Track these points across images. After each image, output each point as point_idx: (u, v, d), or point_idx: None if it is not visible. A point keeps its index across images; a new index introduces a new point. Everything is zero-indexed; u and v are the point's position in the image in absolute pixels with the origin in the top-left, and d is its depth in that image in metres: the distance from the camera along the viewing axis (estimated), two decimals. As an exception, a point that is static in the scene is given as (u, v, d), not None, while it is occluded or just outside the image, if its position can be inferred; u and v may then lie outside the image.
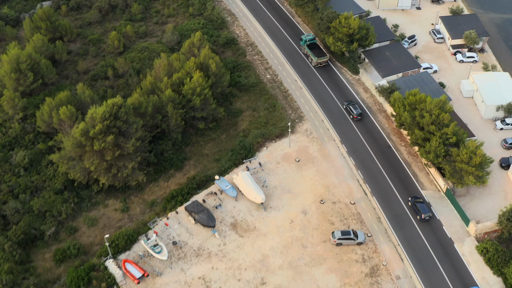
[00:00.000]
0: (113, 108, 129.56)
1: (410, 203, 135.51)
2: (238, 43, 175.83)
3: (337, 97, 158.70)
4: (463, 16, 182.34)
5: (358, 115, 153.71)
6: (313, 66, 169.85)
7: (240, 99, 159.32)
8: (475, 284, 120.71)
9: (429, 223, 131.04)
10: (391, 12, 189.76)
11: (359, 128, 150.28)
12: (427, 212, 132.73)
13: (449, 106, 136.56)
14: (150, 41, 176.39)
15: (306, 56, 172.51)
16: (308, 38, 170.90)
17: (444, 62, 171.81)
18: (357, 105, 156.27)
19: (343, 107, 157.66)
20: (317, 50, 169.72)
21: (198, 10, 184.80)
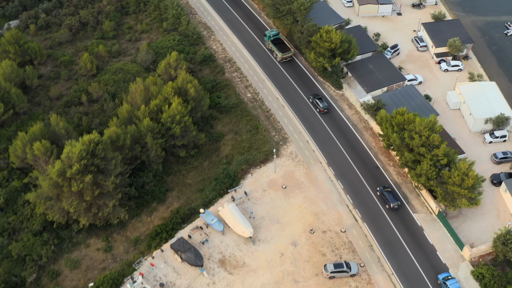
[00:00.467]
0: (90, 146, 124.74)
1: (379, 192, 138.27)
2: (216, 60, 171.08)
3: (321, 115, 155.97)
4: (445, 22, 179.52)
5: (325, 108, 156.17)
6: (278, 62, 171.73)
7: (221, 121, 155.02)
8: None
9: (423, 248, 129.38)
10: (371, 20, 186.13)
11: (345, 149, 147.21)
12: (395, 201, 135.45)
13: (438, 127, 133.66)
14: (124, 61, 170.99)
15: (271, 51, 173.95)
16: (272, 34, 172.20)
17: (428, 72, 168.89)
18: (323, 98, 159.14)
19: (309, 100, 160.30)
20: (281, 45, 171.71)
21: (172, 25, 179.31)
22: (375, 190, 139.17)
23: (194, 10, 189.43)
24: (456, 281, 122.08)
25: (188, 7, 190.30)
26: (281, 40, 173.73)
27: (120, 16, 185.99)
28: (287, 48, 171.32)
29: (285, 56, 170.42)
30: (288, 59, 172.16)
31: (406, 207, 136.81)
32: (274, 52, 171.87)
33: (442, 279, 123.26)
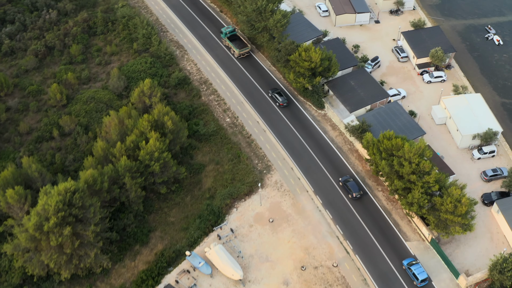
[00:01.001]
0: (66, 195, 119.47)
1: (341, 183, 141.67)
2: (191, 82, 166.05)
3: (305, 138, 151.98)
4: (426, 30, 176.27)
5: (284, 102, 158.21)
6: (235, 58, 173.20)
7: (200, 150, 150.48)
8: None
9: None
10: (349, 30, 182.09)
11: (332, 174, 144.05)
12: (357, 191, 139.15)
13: (428, 152, 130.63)
14: (95, 87, 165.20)
15: (228, 48, 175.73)
16: (228, 31, 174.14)
17: (411, 85, 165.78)
18: (282, 92, 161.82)
19: (269, 95, 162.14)
20: (238, 41, 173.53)
21: (143, 45, 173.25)
22: (365, 218, 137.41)
23: (164, 28, 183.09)
24: (420, 266, 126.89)
25: (158, 24, 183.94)
26: (238, 36, 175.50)
27: (88, 37, 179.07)
28: (243, 44, 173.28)
29: (243, 52, 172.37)
30: (246, 54, 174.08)
31: (397, 235, 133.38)
32: (232, 49, 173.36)
33: (407, 264, 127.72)
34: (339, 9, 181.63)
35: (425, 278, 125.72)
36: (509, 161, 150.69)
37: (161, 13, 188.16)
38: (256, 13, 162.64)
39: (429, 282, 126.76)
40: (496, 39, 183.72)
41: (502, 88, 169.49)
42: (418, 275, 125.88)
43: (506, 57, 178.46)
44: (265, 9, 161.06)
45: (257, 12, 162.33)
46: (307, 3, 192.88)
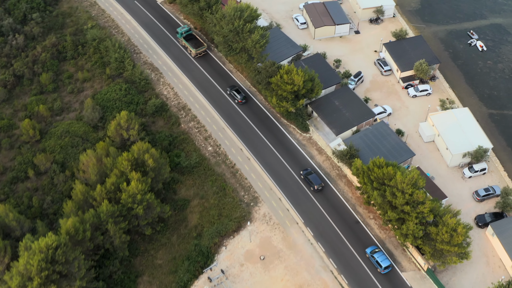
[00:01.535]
0: (49, 253, 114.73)
1: (302, 176, 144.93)
2: (169, 108, 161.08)
3: (291, 165, 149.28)
4: (408, 40, 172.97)
5: (243, 99, 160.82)
6: (192, 57, 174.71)
7: (184, 184, 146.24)
8: None
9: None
10: (329, 42, 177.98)
11: (321, 203, 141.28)
12: (319, 183, 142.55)
13: (422, 182, 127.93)
14: (69, 118, 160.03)
15: (185, 48, 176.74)
16: (184, 30, 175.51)
17: (396, 100, 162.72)
18: (240, 89, 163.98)
19: (227, 93, 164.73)
20: (194, 41, 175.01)
21: (116, 70, 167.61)
22: (358, 249, 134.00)
23: (137, 49, 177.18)
24: (382, 253, 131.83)
25: (130, 45, 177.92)
26: (194, 35, 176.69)
27: (58, 63, 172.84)
28: (200, 43, 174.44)
29: (199, 51, 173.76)
30: (203, 53, 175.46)
31: (394, 267, 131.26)
32: (188, 49, 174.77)
33: (370, 252, 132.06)
34: (318, 21, 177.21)
35: (388, 265, 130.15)
36: (500, 177, 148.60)
37: (133, 33, 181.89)
38: (233, 34, 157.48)
39: (392, 268, 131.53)
40: (479, 45, 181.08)
41: (488, 98, 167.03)
42: (381, 262, 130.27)
43: (491, 64, 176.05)
44: (242, 29, 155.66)
45: (234, 33, 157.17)
46: (283, 15, 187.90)
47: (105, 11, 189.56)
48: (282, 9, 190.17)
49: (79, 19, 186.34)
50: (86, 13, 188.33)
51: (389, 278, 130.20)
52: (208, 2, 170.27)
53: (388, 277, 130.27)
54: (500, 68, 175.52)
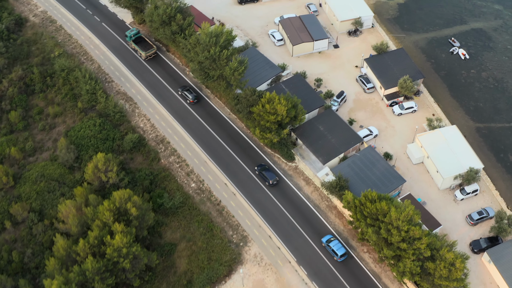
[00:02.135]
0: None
1: (257, 171, 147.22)
2: (147, 143, 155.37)
3: (279, 199, 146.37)
4: (390, 54, 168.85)
5: (194, 98, 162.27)
6: (143, 60, 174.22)
7: (169, 226, 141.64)
8: None
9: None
10: (308, 59, 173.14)
11: (312, 239, 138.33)
12: (273, 177, 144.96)
13: (417, 217, 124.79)
14: (42, 158, 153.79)
15: (135, 51, 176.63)
16: (132, 33, 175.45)
17: (381, 119, 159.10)
18: (192, 89, 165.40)
19: (178, 93, 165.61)
20: (143, 43, 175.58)
21: (88, 102, 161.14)
22: (353, 285, 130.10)
23: (109, 77, 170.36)
24: (338, 242, 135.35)
25: (101, 73, 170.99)
26: (143, 38, 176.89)
27: (26, 98, 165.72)
28: (149, 46, 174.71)
29: (149, 54, 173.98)
30: (153, 55, 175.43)
31: (350, 253, 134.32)
32: (138, 52, 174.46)
33: (326, 241, 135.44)
34: (296, 38, 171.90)
35: (344, 253, 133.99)
36: (492, 197, 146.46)
37: (103, 59, 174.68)
38: (210, 61, 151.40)
39: (348, 256, 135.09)
40: (461, 53, 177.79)
41: (475, 110, 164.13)
42: (337, 251, 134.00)
43: (474, 73, 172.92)
44: (219, 56, 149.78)
45: (211, 60, 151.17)
46: (258, 31, 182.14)
47: (71, 36, 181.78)
48: (256, 25, 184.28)
49: (45, 47, 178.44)
50: (52, 39, 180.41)
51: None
52: (180, 25, 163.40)
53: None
54: (484, 77, 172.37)
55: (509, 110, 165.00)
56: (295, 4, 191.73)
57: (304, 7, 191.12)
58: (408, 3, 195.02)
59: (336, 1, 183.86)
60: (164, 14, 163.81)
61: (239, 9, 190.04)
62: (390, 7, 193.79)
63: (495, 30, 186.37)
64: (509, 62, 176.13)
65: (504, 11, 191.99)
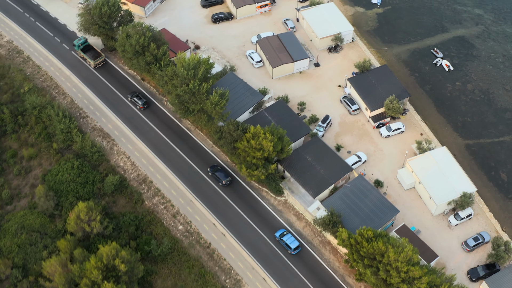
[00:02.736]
0: None
1: (210, 173, 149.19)
2: (129, 183, 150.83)
3: (270, 237, 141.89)
4: (373, 72, 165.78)
5: (144, 104, 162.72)
6: (92, 68, 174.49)
7: (159, 275, 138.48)
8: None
9: None
10: (288, 80, 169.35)
11: (309, 279, 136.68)
12: (226, 178, 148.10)
13: (416, 257, 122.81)
14: (20, 206, 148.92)
15: (84, 60, 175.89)
16: (80, 42, 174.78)
17: (369, 142, 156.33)
18: (141, 95, 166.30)
19: (128, 99, 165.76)
20: (92, 52, 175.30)
21: (63, 142, 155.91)
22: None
23: (83, 112, 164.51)
24: (291, 236, 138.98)
25: (74, 108, 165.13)
26: (91, 47, 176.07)
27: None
28: (97, 53, 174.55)
29: (98, 62, 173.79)
30: (102, 63, 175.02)
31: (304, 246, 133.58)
32: (87, 60, 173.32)
33: (279, 235, 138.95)
34: (275, 60, 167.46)
35: (297, 246, 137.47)
36: (486, 219, 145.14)
37: (75, 92, 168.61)
38: (189, 95, 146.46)
39: (302, 248, 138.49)
40: (445, 64, 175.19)
41: (463, 126, 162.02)
42: (290, 244, 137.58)
43: (460, 85, 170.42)
44: (198, 90, 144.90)
45: (190, 94, 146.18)
46: (235, 52, 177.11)
47: (41, 68, 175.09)
48: (233, 45, 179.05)
49: (13, 81, 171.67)
50: (21, 72, 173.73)
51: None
52: (155, 55, 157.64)
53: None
54: (470, 89, 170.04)
55: (497, 124, 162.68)
56: (271, 20, 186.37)
57: (280, 23, 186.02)
58: (387, 13, 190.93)
59: (314, 17, 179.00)
60: (137, 44, 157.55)
61: (213, 28, 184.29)
62: (369, 17, 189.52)
63: (477, 37, 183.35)
64: (493, 71, 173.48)
65: (485, 16, 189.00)
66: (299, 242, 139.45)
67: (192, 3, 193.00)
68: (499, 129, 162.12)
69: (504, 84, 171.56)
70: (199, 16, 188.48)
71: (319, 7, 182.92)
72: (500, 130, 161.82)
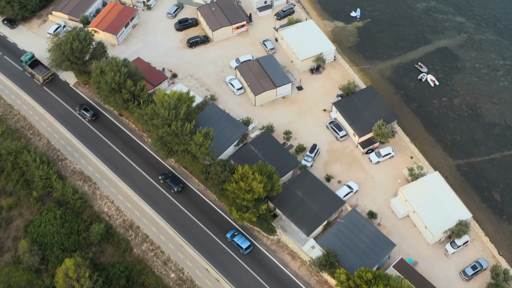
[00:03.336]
0: None
1: (161, 180, 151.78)
2: (115, 230, 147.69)
3: (265, 279, 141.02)
4: (358, 94, 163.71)
5: (92, 116, 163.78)
6: (41, 84, 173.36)
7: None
8: None
9: None
10: (272, 107, 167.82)
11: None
12: (177, 185, 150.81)
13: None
14: (5, 262, 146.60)
15: (32, 75, 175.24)
16: (27, 58, 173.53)
17: (359, 170, 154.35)
18: (89, 107, 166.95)
19: (76, 112, 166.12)
20: (40, 67, 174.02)
21: (43, 189, 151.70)
22: None
23: (61, 154, 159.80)
24: (241, 236, 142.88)
25: (51, 150, 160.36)
26: (39, 62, 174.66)
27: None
28: (46, 69, 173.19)
29: (46, 77, 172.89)
30: (50, 78, 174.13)
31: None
32: (35, 76, 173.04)
33: (230, 236, 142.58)
34: (257, 87, 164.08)
35: (249, 245, 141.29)
36: (483, 245, 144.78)
37: (51, 132, 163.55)
38: (172, 136, 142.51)
39: (253, 248, 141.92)
40: (430, 79, 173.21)
41: (452, 145, 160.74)
42: (241, 244, 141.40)
43: (446, 101, 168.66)
44: (181, 131, 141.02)
45: (173, 135, 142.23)
46: (214, 78, 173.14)
47: (12, 107, 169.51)
48: (211, 71, 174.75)
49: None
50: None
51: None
52: (132, 92, 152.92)
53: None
54: (457, 105, 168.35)
55: (486, 140, 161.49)
56: (249, 41, 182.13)
57: (259, 43, 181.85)
58: (367, 26, 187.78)
59: (293, 36, 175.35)
60: (113, 82, 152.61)
61: (190, 53, 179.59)
62: (349, 32, 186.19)
63: (461, 46, 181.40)
64: (479, 84, 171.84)
65: (467, 23, 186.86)
66: (249, 238, 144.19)
67: (165, 27, 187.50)
68: (489, 146, 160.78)
69: (491, 96, 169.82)
70: (174, 41, 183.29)
71: (298, 25, 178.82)
72: (490, 147, 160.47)
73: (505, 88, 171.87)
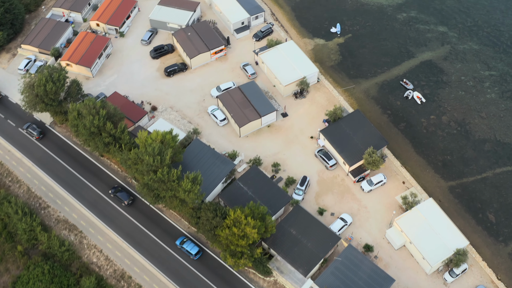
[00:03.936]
0: None
1: (112, 194, 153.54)
2: (106, 282, 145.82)
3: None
4: (346, 120, 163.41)
5: (39, 134, 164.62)
6: None
7: None
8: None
9: None
10: (257, 137, 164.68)
11: None
12: (127, 198, 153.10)
13: None
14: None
15: None
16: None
17: (351, 200, 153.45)
18: (36, 125, 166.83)
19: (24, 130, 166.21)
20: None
21: (28, 242, 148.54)
22: None
23: (43, 201, 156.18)
24: (191, 242, 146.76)
25: (33, 198, 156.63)
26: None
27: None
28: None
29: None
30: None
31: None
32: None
33: (179, 243, 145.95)
34: (241, 117, 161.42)
35: (198, 251, 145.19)
36: (481, 270, 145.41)
37: (31, 178, 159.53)
38: (158, 183, 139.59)
39: (203, 253, 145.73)
40: (416, 96, 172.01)
41: (443, 166, 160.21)
42: (191, 250, 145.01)
43: (434, 119, 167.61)
44: (168, 177, 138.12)
45: (159, 182, 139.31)
46: (196, 109, 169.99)
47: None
48: (192, 101, 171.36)
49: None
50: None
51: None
52: (112, 134, 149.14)
53: None
54: (445, 122, 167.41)
55: (477, 158, 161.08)
56: (228, 67, 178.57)
57: (239, 68, 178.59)
58: (349, 42, 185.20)
59: (274, 60, 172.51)
60: (92, 126, 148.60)
61: (168, 83, 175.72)
62: (331, 50, 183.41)
63: (445, 59, 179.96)
64: (466, 98, 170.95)
65: (449, 33, 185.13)
66: (198, 244, 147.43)
67: (140, 55, 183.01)
68: (480, 164, 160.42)
69: (479, 111, 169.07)
70: (151, 70, 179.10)
71: (279, 47, 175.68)
72: (481, 166, 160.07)
73: (493, 101, 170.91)
